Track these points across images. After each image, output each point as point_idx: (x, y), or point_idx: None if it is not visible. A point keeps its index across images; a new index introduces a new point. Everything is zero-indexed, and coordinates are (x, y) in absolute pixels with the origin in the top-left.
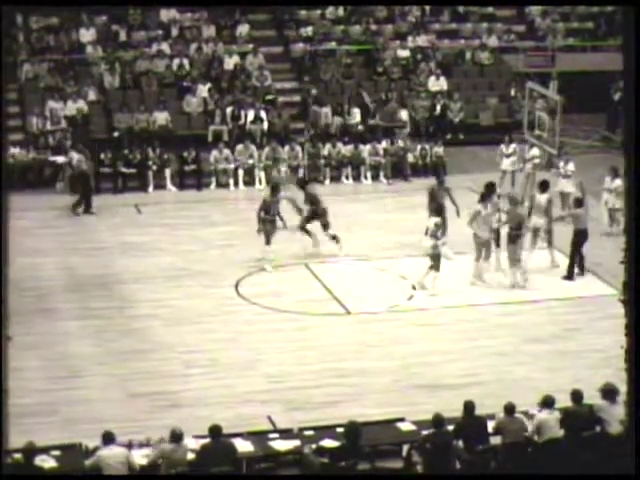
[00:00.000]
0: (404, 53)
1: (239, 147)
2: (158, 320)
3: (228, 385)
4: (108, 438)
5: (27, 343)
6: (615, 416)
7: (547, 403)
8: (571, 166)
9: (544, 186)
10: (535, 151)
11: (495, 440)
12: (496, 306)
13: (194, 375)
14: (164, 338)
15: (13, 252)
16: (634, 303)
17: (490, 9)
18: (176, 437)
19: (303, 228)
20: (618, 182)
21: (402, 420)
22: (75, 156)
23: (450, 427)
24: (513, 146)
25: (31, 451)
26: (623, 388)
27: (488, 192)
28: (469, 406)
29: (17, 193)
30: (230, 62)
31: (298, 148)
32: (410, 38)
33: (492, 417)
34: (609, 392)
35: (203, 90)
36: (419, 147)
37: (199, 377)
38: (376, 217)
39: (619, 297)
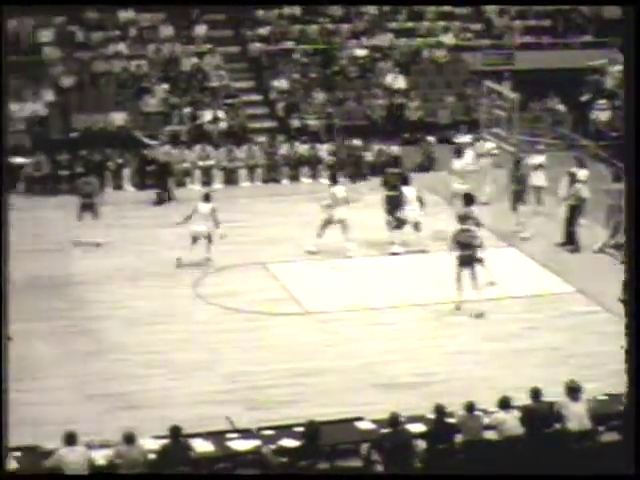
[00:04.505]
0: (361, 52)
1: (197, 147)
2: (115, 321)
3: (186, 385)
4: (70, 438)
5: None
6: (576, 413)
7: (504, 404)
8: (541, 159)
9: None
10: (490, 144)
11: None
12: (453, 304)
13: (152, 376)
14: (122, 339)
15: None
16: (634, 303)
17: (447, 7)
18: (128, 439)
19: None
20: (585, 172)
21: (361, 419)
22: (161, 148)
23: (410, 426)
24: (470, 138)
25: None
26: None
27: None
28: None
29: None
30: (187, 62)
31: (255, 148)
32: (366, 37)
33: (451, 415)
34: (572, 389)
35: (161, 90)
36: (376, 146)
37: (157, 378)
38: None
39: (619, 297)
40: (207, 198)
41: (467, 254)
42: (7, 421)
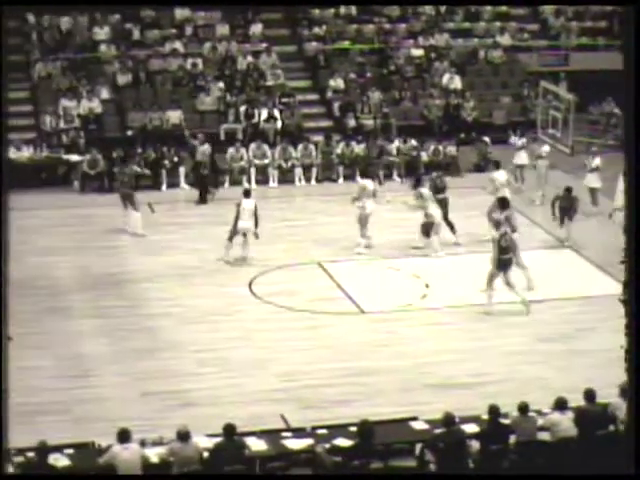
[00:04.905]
0: (418, 52)
1: (252, 146)
2: (171, 319)
3: (241, 384)
4: (124, 436)
5: (40, 342)
6: None
7: (560, 405)
8: (597, 161)
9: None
10: (547, 147)
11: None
12: (507, 305)
13: (207, 374)
14: (176, 337)
15: (27, 251)
16: (634, 303)
17: (504, 8)
18: (182, 436)
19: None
20: None
21: (415, 419)
22: (200, 147)
23: (464, 426)
24: (523, 140)
25: (44, 450)
26: None
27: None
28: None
29: (30, 192)
30: (243, 61)
31: (312, 147)
32: (422, 37)
33: (505, 416)
34: (627, 391)
35: (216, 89)
36: (432, 146)
37: (212, 376)
38: (390, 216)
39: (619, 297)
40: (248, 194)
41: (508, 257)
42: (7, 421)
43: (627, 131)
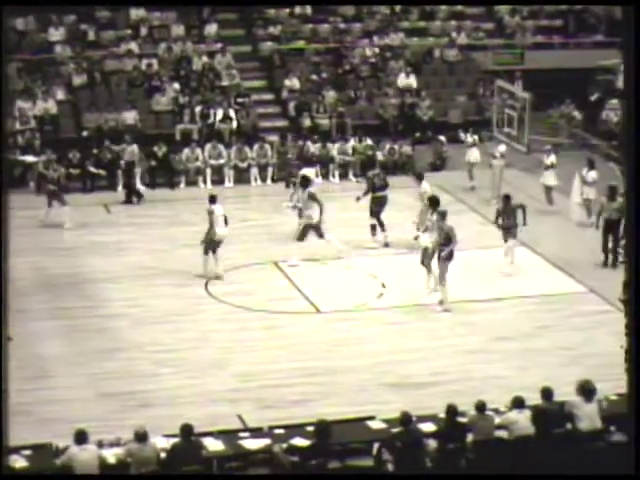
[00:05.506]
0: (373, 51)
1: (208, 146)
2: (128, 319)
3: (198, 384)
4: (81, 437)
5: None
6: (588, 413)
7: (517, 404)
8: (552, 158)
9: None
10: (503, 147)
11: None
12: (464, 304)
13: (164, 374)
14: (134, 337)
15: None
16: (634, 303)
17: (459, 7)
18: (140, 437)
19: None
20: (593, 174)
21: (372, 418)
22: (128, 148)
23: (421, 425)
24: (475, 137)
25: (1, 451)
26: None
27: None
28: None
29: None
30: (199, 61)
31: (267, 147)
32: (377, 37)
33: (462, 415)
34: (587, 390)
35: (172, 89)
36: (388, 145)
37: (169, 376)
38: (345, 215)
39: (619, 297)
40: (214, 200)
41: (453, 249)
42: (7, 421)
43: (627, 131)
